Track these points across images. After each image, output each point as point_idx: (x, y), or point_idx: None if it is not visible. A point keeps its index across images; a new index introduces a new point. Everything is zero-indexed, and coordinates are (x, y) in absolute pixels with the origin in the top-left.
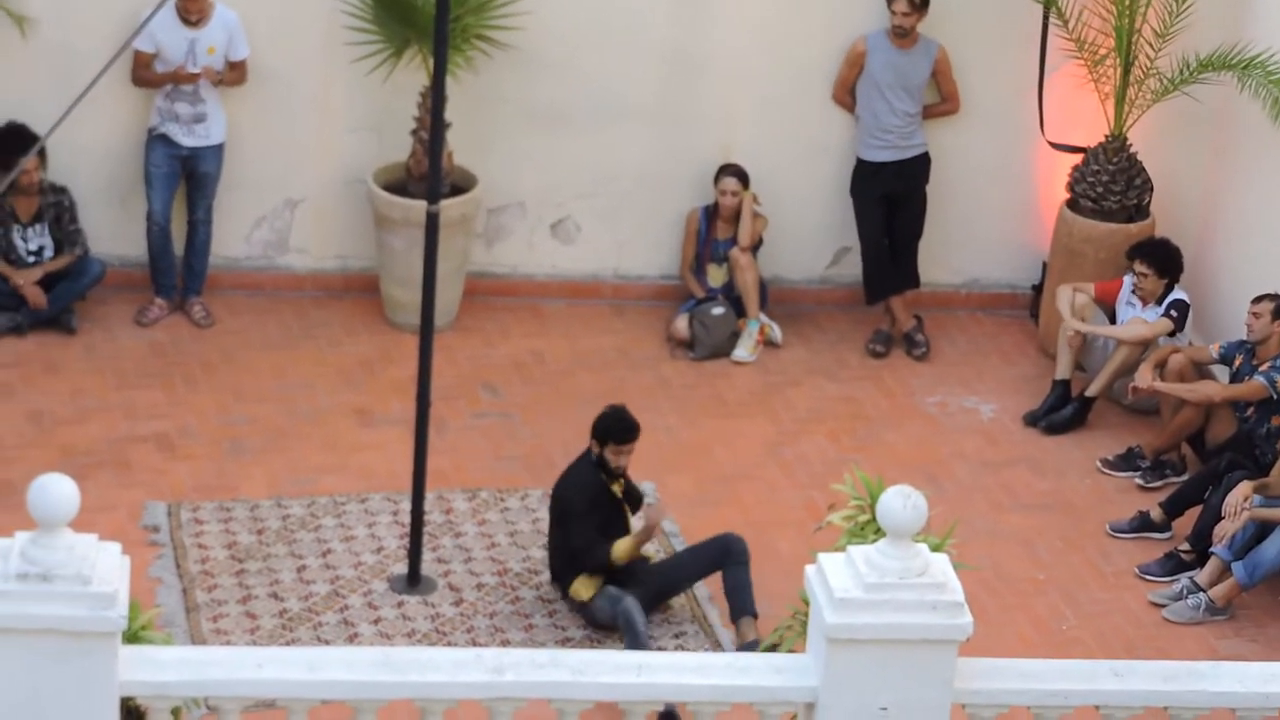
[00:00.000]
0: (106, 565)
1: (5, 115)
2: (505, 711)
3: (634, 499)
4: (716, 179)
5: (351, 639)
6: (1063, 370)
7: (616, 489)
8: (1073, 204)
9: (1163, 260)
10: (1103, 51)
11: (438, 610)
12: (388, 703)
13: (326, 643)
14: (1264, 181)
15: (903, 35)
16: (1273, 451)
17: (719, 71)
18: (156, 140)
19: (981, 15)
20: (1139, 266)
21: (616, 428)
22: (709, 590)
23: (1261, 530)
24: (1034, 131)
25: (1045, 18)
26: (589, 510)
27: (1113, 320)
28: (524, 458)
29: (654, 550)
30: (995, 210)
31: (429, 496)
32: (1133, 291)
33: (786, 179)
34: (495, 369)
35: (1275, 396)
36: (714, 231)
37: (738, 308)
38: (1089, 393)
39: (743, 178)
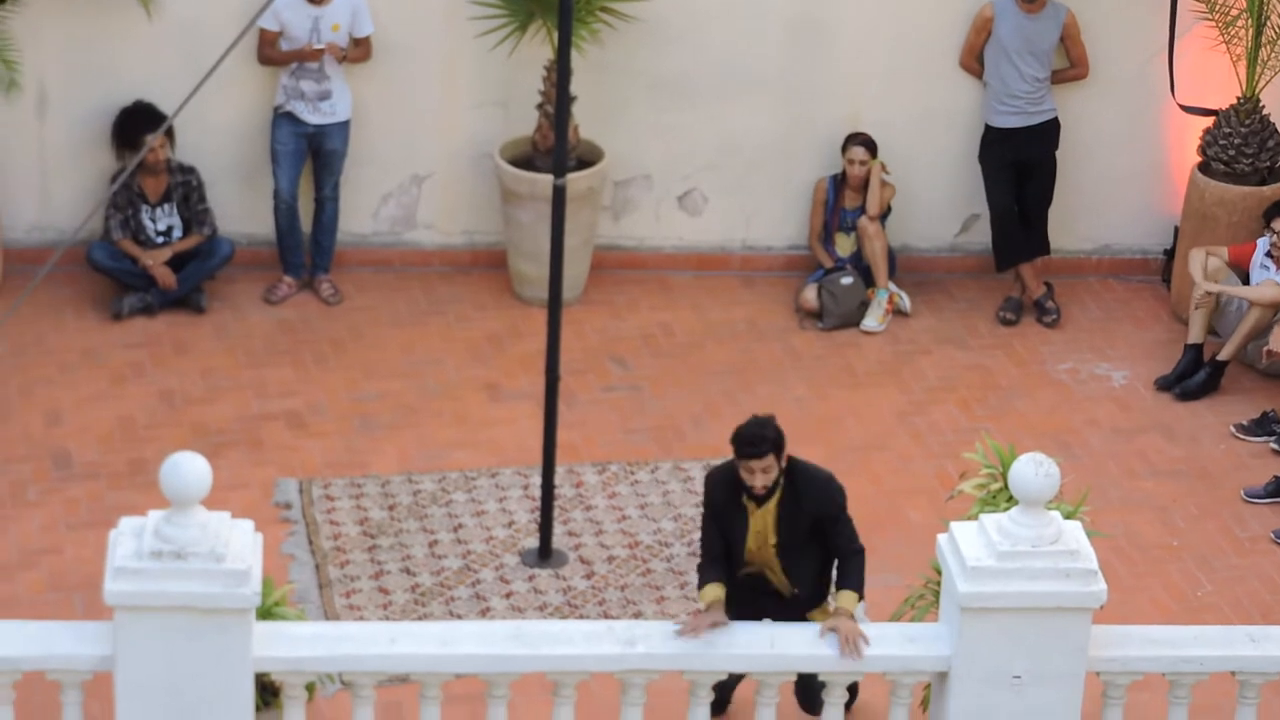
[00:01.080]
0: (239, 542)
1: (133, 95)
2: (637, 683)
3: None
4: (844, 148)
5: (483, 613)
6: (1195, 335)
7: (754, 511)
8: (1204, 167)
9: None
10: (1234, 12)
11: (569, 583)
12: (520, 676)
13: (459, 617)
14: None
15: (1027, 0)
16: None
17: (845, 40)
18: (282, 118)
19: None
20: (1277, 224)
21: (737, 437)
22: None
23: None
24: (1164, 95)
25: None
26: (711, 512)
27: (1246, 283)
28: (653, 430)
29: None
30: (1126, 175)
31: (559, 470)
32: (1267, 254)
33: (914, 147)
34: (623, 342)
35: None
36: (842, 201)
37: (866, 277)
38: (1222, 357)
39: (870, 147)
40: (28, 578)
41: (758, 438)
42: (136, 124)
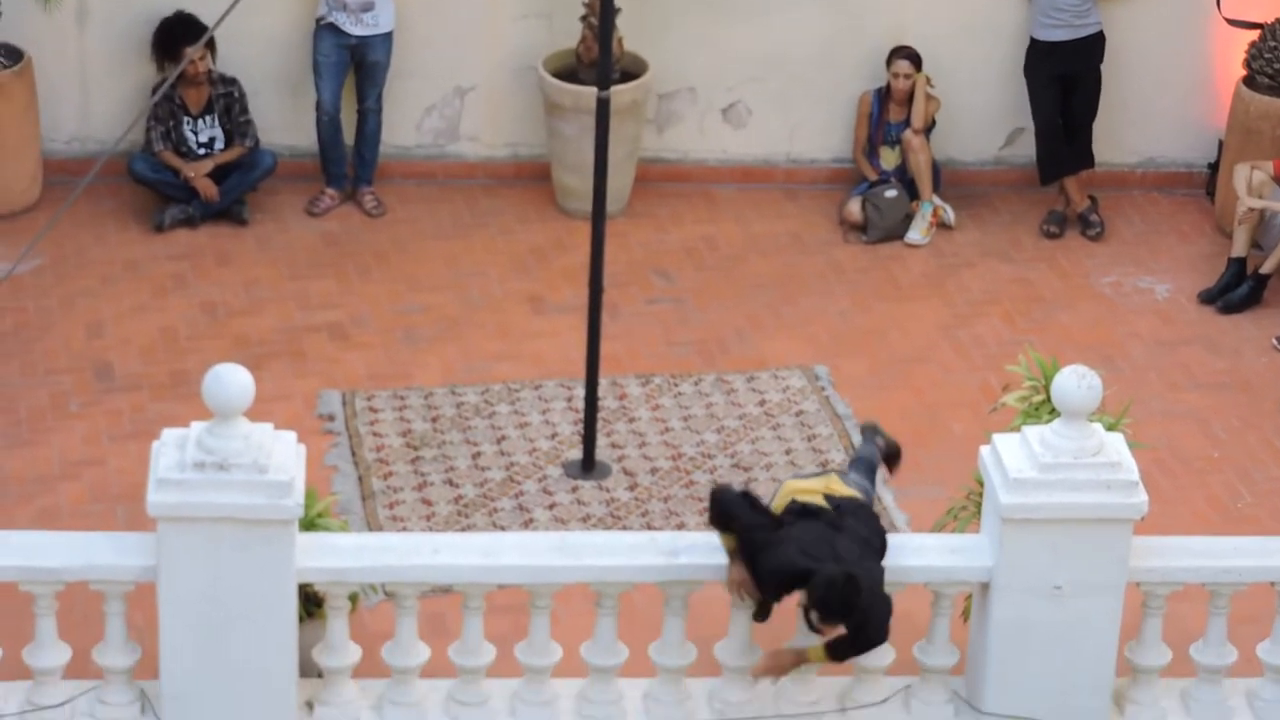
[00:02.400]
0: (282, 454)
1: (173, 5)
2: (680, 594)
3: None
4: (889, 61)
5: (527, 524)
6: (1239, 248)
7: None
8: (1249, 81)
9: None
10: None
11: (612, 495)
12: (563, 587)
13: (502, 529)
14: None
15: None
16: None
17: None
18: (325, 30)
19: None
20: None
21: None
22: (883, 473)
23: None
24: (1210, 7)
25: None
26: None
27: None
28: (697, 343)
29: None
30: (1171, 88)
31: (602, 382)
32: None
33: (959, 60)
34: (667, 255)
35: None
36: (886, 114)
37: (911, 190)
38: (1264, 270)
39: (915, 60)
40: (70, 489)
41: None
42: (177, 35)
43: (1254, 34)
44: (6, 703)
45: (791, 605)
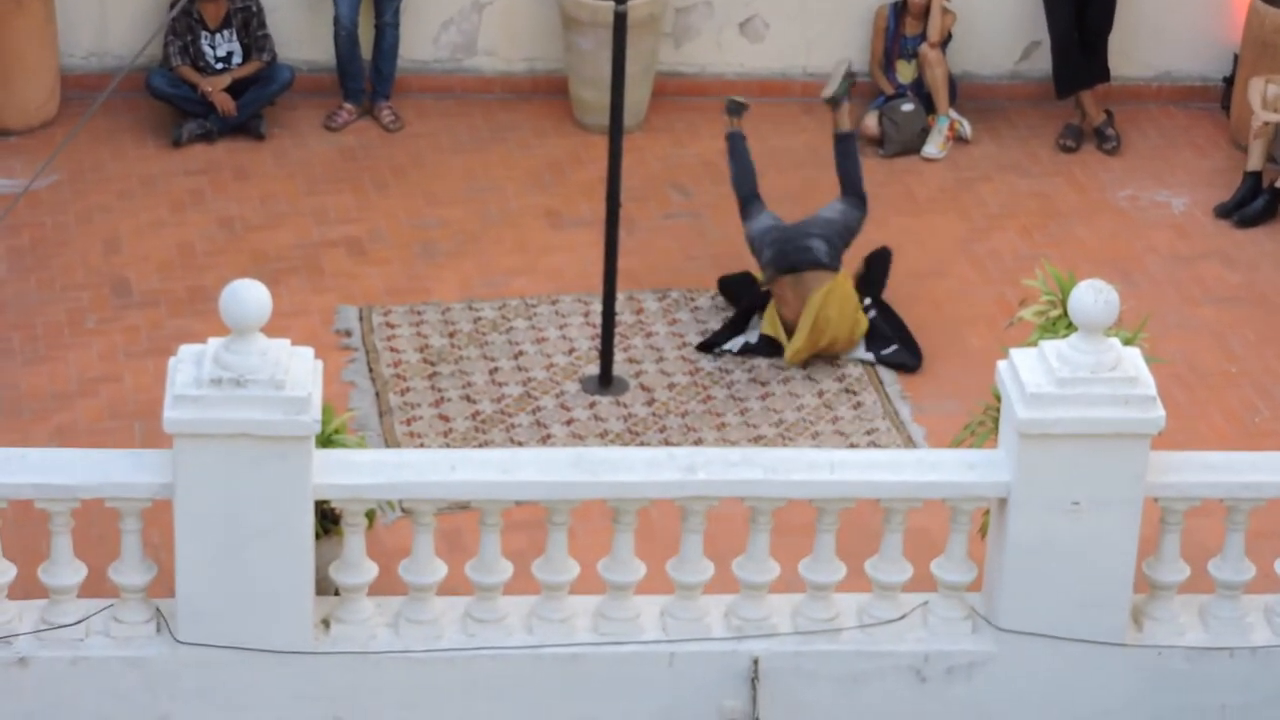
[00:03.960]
0: (299, 370)
1: None
2: (698, 510)
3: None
4: None
5: (544, 440)
6: (1255, 162)
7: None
8: None
9: None
10: None
11: (630, 410)
12: (581, 503)
13: (519, 444)
14: None
15: None
16: None
17: None
18: None
19: None
20: None
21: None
22: (900, 386)
23: None
24: None
25: None
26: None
27: None
28: (714, 258)
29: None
30: (1186, 2)
31: (619, 297)
32: None
33: None
34: (684, 169)
35: None
36: (903, 28)
37: (927, 104)
38: None
39: None
40: (87, 405)
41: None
42: None
43: None
44: (22, 621)
45: (810, 518)
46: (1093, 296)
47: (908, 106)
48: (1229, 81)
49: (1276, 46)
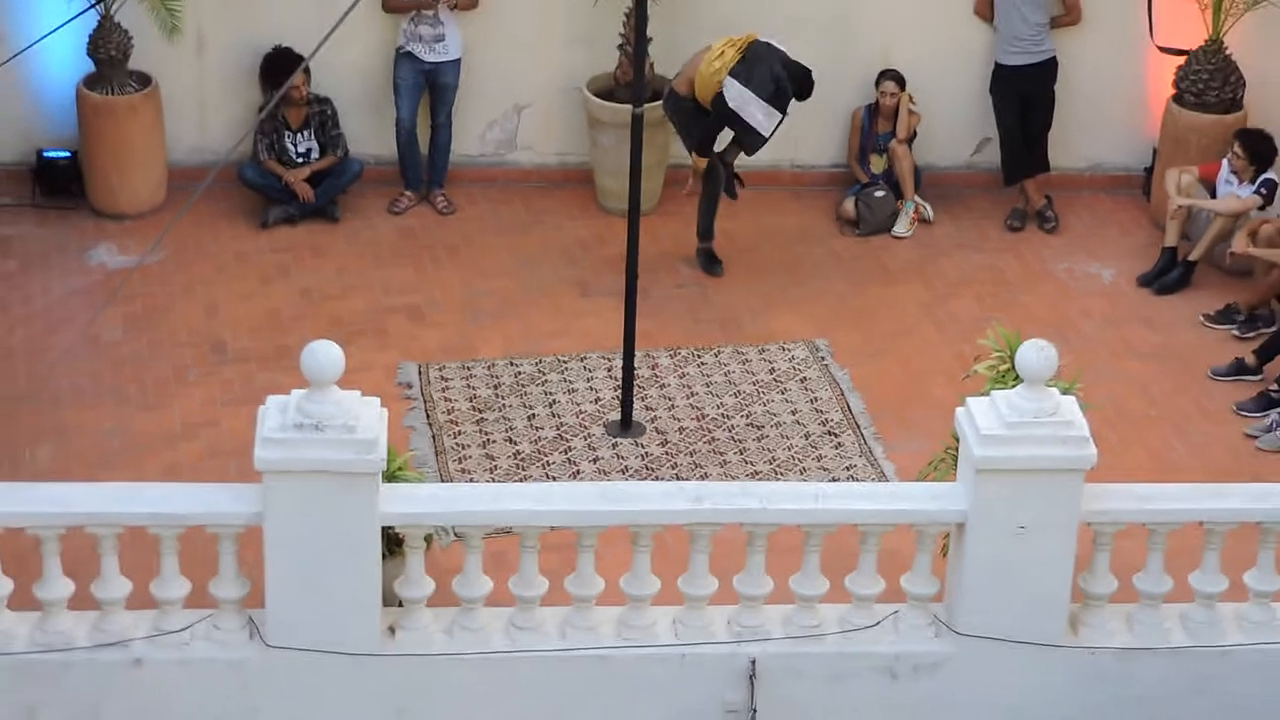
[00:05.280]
0: (368, 416)
1: (278, 37)
2: (704, 534)
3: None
4: (878, 82)
5: (574, 476)
6: (1171, 239)
7: None
8: (1178, 98)
9: (1254, 147)
10: None
11: (646, 450)
12: (606, 529)
13: (553, 479)
14: None
15: None
16: None
17: None
18: (403, 57)
19: None
20: (1236, 146)
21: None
22: (874, 429)
23: None
24: (1144, 38)
25: None
26: None
27: (1213, 196)
28: (717, 320)
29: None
30: (1113, 105)
31: (638, 354)
32: (1231, 171)
33: (937, 81)
34: (692, 246)
35: None
36: (875, 127)
37: (896, 191)
38: (1192, 257)
39: (900, 81)
40: (190, 446)
41: None
42: (279, 65)
43: (1181, 59)
44: (137, 628)
45: (795, 540)
46: (1036, 353)
47: (880, 193)
48: (1149, 171)
49: (1189, 142)
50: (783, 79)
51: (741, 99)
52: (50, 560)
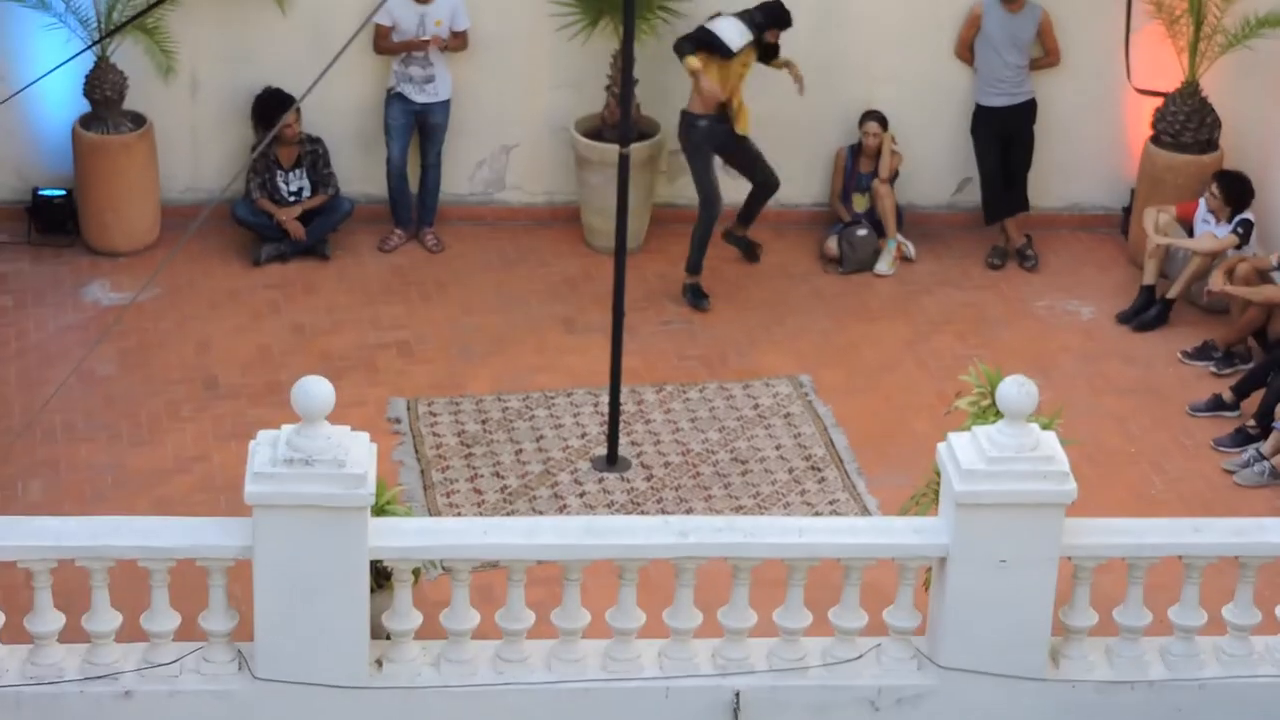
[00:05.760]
0: (358, 451)
1: (270, 78)
2: (689, 568)
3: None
4: (861, 122)
5: (561, 510)
6: (1149, 277)
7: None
8: (1155, 139)
9: (1229, 188)
10: (1178, 12)
11: (632, 485)
12: (592, 563)
13: (540, 513)
14: None
15: (1008, 0)
16: None
17: (862, 30)
18: (394, 98)
19: None
20: (1213, 186)
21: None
22: (858, 464)
23: None
24: (1122, 80)
25: None
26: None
27: (1190, 235)
28: (701, 357)
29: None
30: (1091, 146)
31: (624, 390)
32: (1208, 210)
33: (918, 121)
34: (677, 284)
35: None
36: (858, 166)
37: (878, 229)
38: (1170, 295)
39: (883, 121)
40: (182, 481)
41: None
42: (271, 106)
43: (1158, 101)
44: (127, 661)
45: (780, 573)
46: (1016, 389)
47: (862, 232)
48: (1127, 211)
49: (1166, 182)
50: (755, 15)
51: (718, 19)
52: (41, 593)
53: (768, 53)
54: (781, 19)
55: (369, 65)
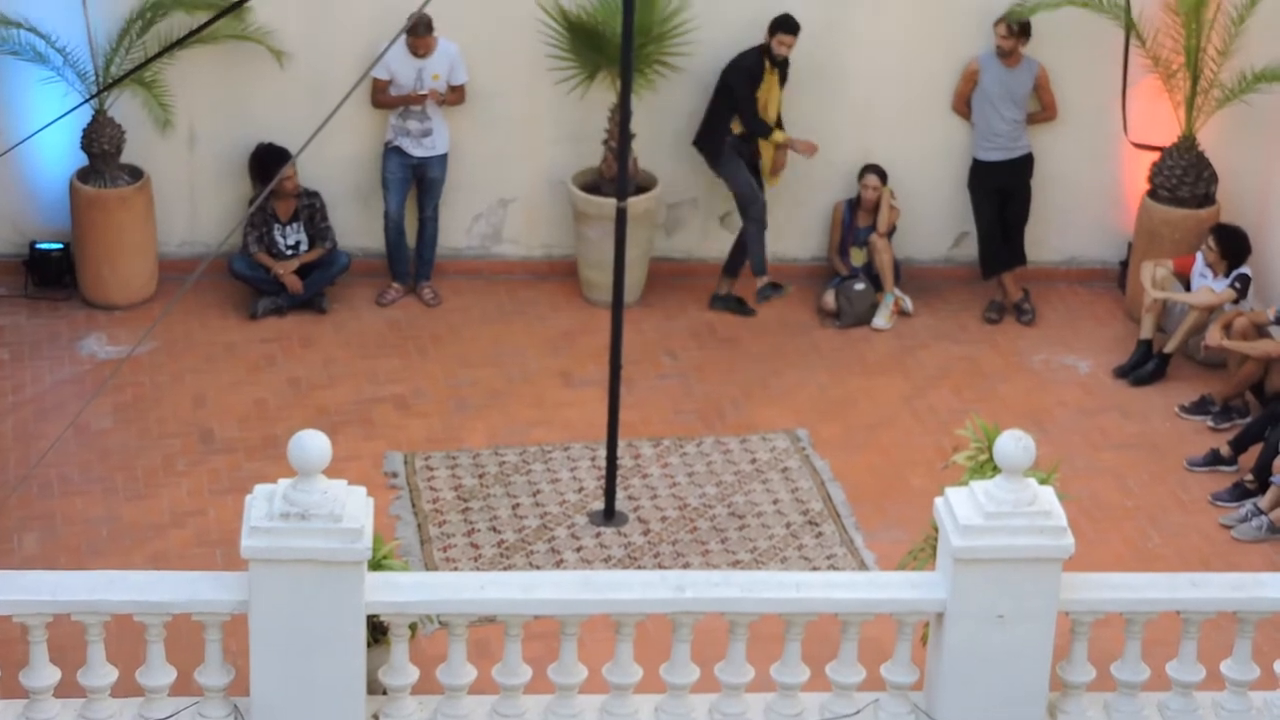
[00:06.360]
0: (354, 505)
1: (268, 132)
2: (686, 623)
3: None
4: (860, 175)
5: (558, 564)
6: (1146, 332)
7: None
8: (1152, 193)
9: (1226, 243)
10: (1175, 67)
11: (629, 539)
12: (588, 617)
13: (537, 568)
14: None
15: (1005, 55)
16: None
17: (859, 86)
18: (392, 152)
19: (1075, 38)
20: (1210, 240)
21: (785, 19)
22: (855, 519)
23: None
24: (1119, 134)
25: (1127, 40)
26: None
27: (1188, 289)
28: (698, 411)
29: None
30: (1088, 200)
31: (621, 444)
32: (1205, 264)
33: (916, 176)
34: (675, 338)
35: None
36: (856, 220)
37: (876, 283)
38: (1167, 350)
39: (882, 175)
40: (178, 535)
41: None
42: (267, 160)
43: (1155, 155)
44: (123, 716)
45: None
46: (1014, 444)
47: (859, 286)
48: (1124, 265)
49: (1163, 236)
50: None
51: None
52: (37, 648)
53: (783, 71)
54: (781, 23)
55: (366, 119)
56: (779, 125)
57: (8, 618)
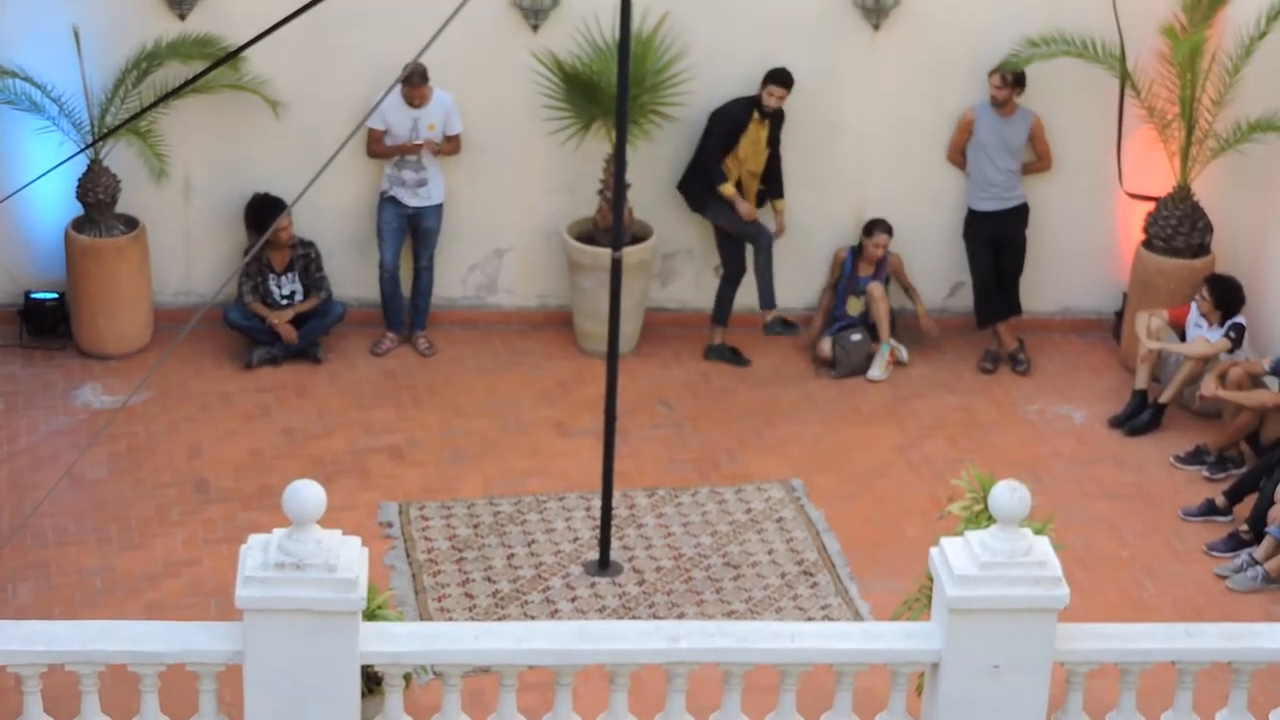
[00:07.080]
0: (349, 555)
1: (263, 182)
2: (681, 674)
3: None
4: (869, 231)
5: (553, 614)
6: (1141, 382)
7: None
8: (1147, 243)
9: (1220, 293)
10: (1170, 117)
11: (624, 589)
12: (583, 668)
13: (532, 618)
14: None
15: (1000, 105)
16: None
17: (854, 138)
18: (387, 202)
19: (1070, 89)
20: (1204, 290)
21: (779, 72)
22: (850, 569)
23: None
24: (1114, 184)
25: (1122, 90)
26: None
27: (1183, 339)
28: (693, 461)
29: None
30: (1083, 250)
31: (616, 494)
32: (1200, 315)
33: (910, 226)
34: (670, 388)
35: None
36: (857, 270)
37: (872, 334)
38: (1163, 400)
39: (890, 231)
40: (172, 585)
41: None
42: (262, 210)
43: (1150, 205)
44: None
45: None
46: (1009, 494)
47: (856, 336)
48: (1119, 315)
49: (1158, 286)
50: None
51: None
52: (31, 698)
53: (775, 124)
54: (773, 75)
55: (361, 169)
56: (769, 179)
57: (2, 668)
